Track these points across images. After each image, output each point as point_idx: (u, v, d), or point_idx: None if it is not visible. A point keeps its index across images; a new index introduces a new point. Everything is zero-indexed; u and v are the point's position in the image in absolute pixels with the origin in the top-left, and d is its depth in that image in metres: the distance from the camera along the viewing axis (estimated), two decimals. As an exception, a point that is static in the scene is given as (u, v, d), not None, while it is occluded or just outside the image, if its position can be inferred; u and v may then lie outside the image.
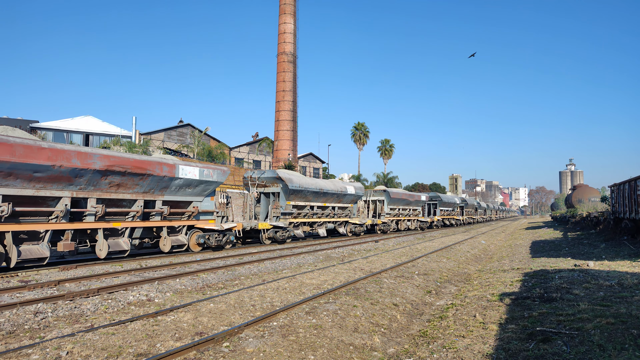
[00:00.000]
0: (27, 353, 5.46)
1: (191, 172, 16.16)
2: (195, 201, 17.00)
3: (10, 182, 11.24)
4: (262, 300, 8.67)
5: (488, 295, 9.62)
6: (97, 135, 51.13)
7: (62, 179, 12.28)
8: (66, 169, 12.17)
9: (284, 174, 22.55)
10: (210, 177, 17.00)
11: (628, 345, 5.45)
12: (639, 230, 19.36)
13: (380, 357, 6.41)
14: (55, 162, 11.87)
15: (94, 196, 13.38)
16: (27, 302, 7.90)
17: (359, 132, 72.40)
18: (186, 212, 16.66)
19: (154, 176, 14.75)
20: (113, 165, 13.38)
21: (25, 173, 11.40)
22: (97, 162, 12.96)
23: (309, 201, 24.52)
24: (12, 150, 10.93)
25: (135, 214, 14.66)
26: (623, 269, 11.86)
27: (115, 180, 13.73)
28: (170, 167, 15.34)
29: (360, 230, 29.28)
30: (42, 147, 11.67)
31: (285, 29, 57.67)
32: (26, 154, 11.23)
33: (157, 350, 5.78)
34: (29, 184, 11.69)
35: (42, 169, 11.64)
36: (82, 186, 12.99)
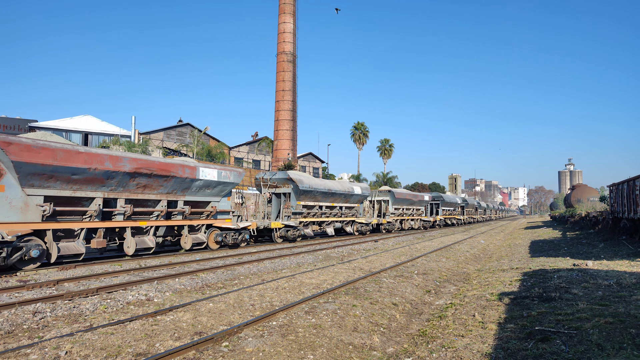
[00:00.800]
0: (26, 353, 5.45)
1: (210, 173, 17.07)
2: (213, 201, 17.88)
3: (51, 184, 12.25)
4: (261, 299, 8.67)
5: (487, 295, 9.63)
6: (96, 134, 51.08)
7: (95, 180, 13.29)
8: (100, 171, 13.16)
9: (295, 175, 23.26)
10: (228, 178, 17.93)
11: (626, 345, 5.46)
12: (638, 230, 19.38)
13: (379, 356, 6.42)
14: (91, 165, 12.86)
15: (123, 197, 14.35)
16: (25, 302, 7.89)
17: (358, 132, 72.41)
18: (205, 211, 17.52)
19: (176, 178, 15.65)
20: (141, 168, 14.31)
21: (65, 175, 12.39)
22: (127, 164, 13.89)
23: (318, 201, 25.32)
24: (54, 155, 11.91)
25: (159, 213, 15.55)
26: (622, 268, 11.87)
27: (142, 181, 14.65)
28: (192, 169, 16.21)
29: (366, 229, 29.94)
30: (79, 152, 12.64)
31: (285, 29, 57.63)
32: (66, 158, 12.19)
33: (156, 350, 5.77)
34: (67, 186, 12.70)
35: (79, 171, 12.62)
36: (113, 187, 13.95)
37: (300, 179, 23.32)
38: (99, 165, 13.09)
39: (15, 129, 46.65)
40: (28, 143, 11.54)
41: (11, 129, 46.50)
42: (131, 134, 45.56)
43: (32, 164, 11.55)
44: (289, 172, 23.81)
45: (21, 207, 11.74)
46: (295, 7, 58.79)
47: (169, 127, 55.34)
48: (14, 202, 11.63)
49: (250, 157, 64.88)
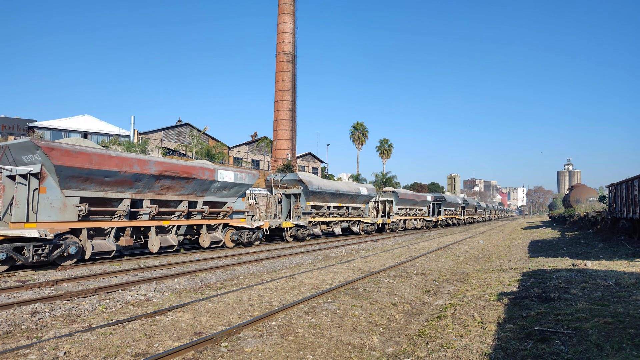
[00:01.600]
0: (25, 353, 5.44)
1: (227, 175, 17.95)
2: (229, 202, 18.79)
3: (86, 186, 13.19)
4: (260, 300, 8.66)
5: (486, 295, 9.63)
6: (95, 134, 51.03)
7: (125, 182, 14.14)
8: (129, 174, 14.01)
9: (305, 177, 24.15)
10: (243, 180, 18.83)
11: (625, 345, 5.46)
12: (636, 230, 19.40)
13: (378, 356, 6.41)
14: (121, 168, 13.71)
15: (149, 197, 15.20)
16: (24, 302, 7.87)
17: (357, 132, 72.40)
18: (221, 211, 18.36)
19: (197, 180, 16.48)
20: (165, 171, 15.16)
21: (98, 178, 13.31)
22: (153, 167, 14.73)
23: (326, 202, 26.16)
24: (89, 159, 12.80)
25: (180, 213, 16.40)
26: (620, 268, 11.88)
27: (166, 183, 15.50)
28: (211, 172, 17.09)
29: (371, 229, 30.77)
30: (111, 156, 13.53)
31: (284, 29, 57.62)
32: (100, 162, 13.11)
33: (155, 350, 5.76)
34: (100, 188, 13.61)
35: (111, 174, 13.51)
36: (140, 189, 14.82)
37: (310, 181, 24.16)
38: (129, 169, 13.92)
39: (14, 129, 46.56)
40: (68, 148, 12.38)
41: (10, 128, 46.42)
42: (130, 134, 45.53)
43: (70, 168, 12.43)
44: (299, 173, 24.63)
45: (60, 207, 12.59)
46: (294, 7, 58.79)
47: (168, 127, 55.32)
48: (54, 202, 12.50)
49: (250, 157, 64.86)
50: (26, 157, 12.43)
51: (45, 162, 12.14)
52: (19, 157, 12.56)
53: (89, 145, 13.59)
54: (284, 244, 21.36)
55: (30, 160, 12.38)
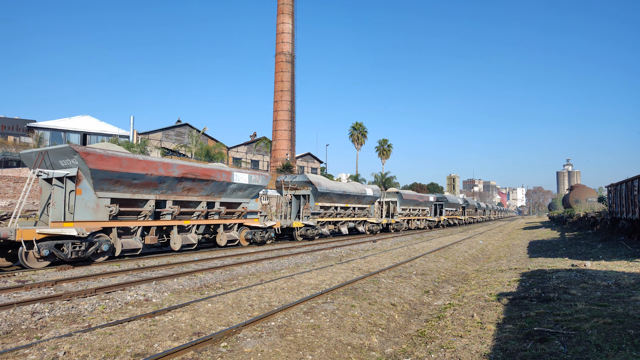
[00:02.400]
0: (24, 353, 5.44)
1: (242, 177, 18.92)
2: (244, 202, 19.71)
3: (116, 188, 14.06)
4: (260, 300, 8.66)
5: (486, 295, 9.63)
6: (94, 134, 50.99)
7: (150, 184, 14.99)
8: (154, 176, 14.86)
9: (314, 179, 25.11)
10: (257, 181, 19.76)
11: (625, 345, 5.47)
12: (636, 231, 19.42)
13: (378, 357, 6.41)
14: (148, 171, 14.57)
15: (171, 198, 16.09)
16: (24, 302, 7.87)
17: (357, 132, 72.41)
18: (237, 211, 19.26)
19: (215, 181, 17.35)
20: (187, 173, 16.00)
21: (128, 180, 14.14)
22: (176, 170, 15.59)
23: (334, 202, 27.02)
24: (120, 163, 13.67)
25: (200, 213, 17.26)
26: (620, 269, 11.89)
27: (187, 185, 16.36)
28: (227, 174, 18.05)
29: (377, 228, 31.55)
30: (139, 160, 14.38)
31: (284, 29, 57.63)
32: (129, 165, 13.97)
33: (154, 350, 5.76)
34: (128, 189, 14.44)
35: (139, 177, 14.37)
36: (164, 190, 15.66)
37: (319, 182, 25.07)
38: (154, 171, 14.77)
39: (13, 129, 46.52)
40: (101, 153, 13.30)
41: (9, 129, 46.37)
42: (130, 134, 45.52)
43: (103, 171, 13.32)
44: (309, 175, 25.49)
45: (93, 207, 13.52)
46: (293, 7, 58.81)
47: (167, 127, 55.31)
48: (89, 203, 13.42)
49: (249, 158, 64.85)
50: (63, 161, 13.26)
51: (82, 166, 12.99)
52: (56, 161, 13.36)
53: (118, 150, 14.46)
54: (294, 243, 22.12)
55: (67, 164, 13.23)
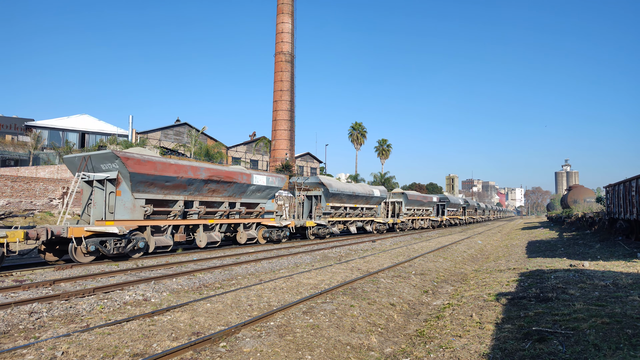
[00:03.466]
0: (22, 353, 5.43)
1: (261, 179, 20.12)
2: (261, 203, 20.96)
3: (151, 190, 15.23)
4: (259, 300, 8.66)
5: (484, 295, 9.64)
6: (93, 134, 50.91)
7: (180, 186, 16.16)
8: (184, 179, 16.01)
9: (326, 180, 26.53)
10: (273, 183, 21.00)
11: (623, 345, 5.48)
12: (634, 231, 19.46)
13: (377, 356, 6.42)
14: (178, 174, 15.77)
15: (198, 199, 17.25)
16: (21, 302, 7.85)
17: (356, 132, 72.42)
18: (255, 211, 20.57)
19: (237, 183, 18.65)
20: (212, 176, 17.19)
21: (161, 183, 15.33)
22: (203, 173, 16.73)
23: (344, 203, 28.24)
24: (155, 166, 14.85)
25: (222, 213, 18.51)
26: (618, 269, 11.91)
27: (212, 187, 17.53)
28: (248, 176, 19.37)
29: (383, 228, 32.94)
30: (170, 164, 15.60)
31: (283, 29, 57.61)
32: (162, 169, 15.14)
33: (153, 350, 5.75)
34: (161, 191, 15.63)
35: (170, 179, 15.57)
36: (191, 192, 16.81)
37: (330, 183, 26.46)
38: (184, 174, 15.93)
39: (11, 128, 46.42)
40: (139, 158, 14.41)
41: (7, 127, 46.26)
42: (128, 134, 45.44)
43: (141, 174, 14.46)
44: (320, 177, 26.91)
45: (131, 208, 14.64)
46: (293, 7, 58.78)
47: (166, 126, 55.23)
48: (127, 204, 14.56)
49: (248, 157, 64.81)
50: (104, 165, 14.40)
51: (122, 170, 14.13)
52: (98, 165, 14.52)
53: (153, 154, 15.78)
54: (307, 241, 23.28)
55: (107, 168, 14.37)
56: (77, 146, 46.96)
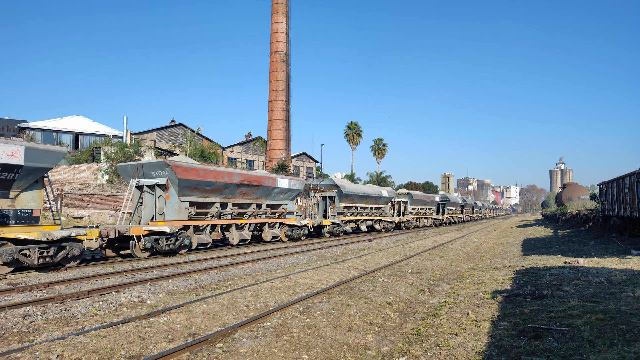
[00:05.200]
0: (17, 357, 5.39)
1: (284, 183, 21.90)
2: (284, 204, 22.66)
3: (194, 193, 16.93)
4: (255, 300, 8.64)
5: (480, 293, 9.68)
6: (87, 135, 50.59)
7: (217, 190, 17.89)
8: (221, 183, 17.77)
9: (339, 182, 28.51)
10: (295, 186, 22.77)
11: (617, 341, 5.52)
12: (627, 228, 19.61)
13: (374, 355, 6.43)
14: (217, 179, 17.48)
15: (231, 201, 19.05)
16: (15, 305, 7.79)
17: (352, 132, 72.42)
18: (278, 212, 22.24)
19: (264, 186, 20.49)
20: (244, 180, 19.03)
21: (202, 187, 17.01)
22: (236, 178, 18.59)
23: (355, 203, 29.93)
24: (198, 173, 16.56)
25: (251, 213, 20.27)
26: (612, 265, 12.00)
27: (243, 190, 19.37)
28: (273, 180, 21.16)
29: (390, 226, 34.85)
30: (210, 170, 17.29)
31: (278, 29, 57.50)
32: (204, 175, 16.82)
33: (149, 352, 5.73)
34: (202, 194, 17.31)
35: (210, 184, 17.26)
36: (226, 195, 18.60)
37: (343, 185, 28.37)
38: (221, 179, 17.69)
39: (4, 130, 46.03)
40: (185, 165, 16.17)
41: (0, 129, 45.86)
42: (123, 135, 45.21)
43: (187, 180, 16.14)
44: (334, 179, 28.98)
45: (177, 209, 16.35)
46: (288, 6, 58.68)
47: (161, 127, 54.96)
48: (174, 206, 16.27)
49: (244, 157, 64.66)
50: (155, 172, 16.15)
51: (171, 176, 15.87)
52: (149, 172, 16.29)
53: (196, 163, 17.51)
54: (323, 239, 25.25)
55: (158, 174, 16.13)
56: (71, 148, 46.66)
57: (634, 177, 17.34)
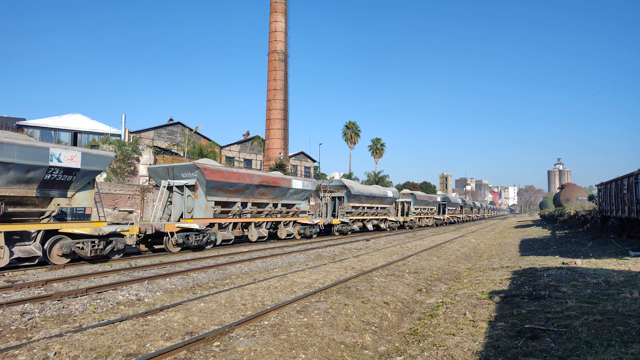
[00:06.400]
0: (14, 354, 5.38)
1: (298, 184, 23.40)
2: (297, 204, 24.18)
3: (218, 194, 18.40)
4: (253, 299, 8.64)
5: (478, 294, 9.69)
6: (85, 133, 50.46)
7: (239, 191, 19.40)
8: (243, 184, 19.32)
9: (348, 183, 29.82)
10: (307, 187, 24.27)
11: (614, 342, 5.54)
12: (625, 229, 19.66)
13: (371, 355, 6.43)
14: (239, 180, 19.03)
15: (251, 201, 20.59)
16: (13, 303, 7.78)
17: (350, 131, 72.42)
18: (292, 211, 23.77)
19: (280, 187, 21.98)
20: (263, 182, 20.52)
21: (226, 188, 18.54)
22: (256, 179, 20.11)
23: (362, 203, 31.32)
24: (223, 175, 18.10)
25: (268, 212, 21.76)
26: (610, 266, 12.03)
27: (262, 190, 20.85)
28: (288, 181, 22.67)
29: (395, 225, 36.54)
30: (234, 172, 19.09)
31: (276, 28, 57.44)
32: (228, 177, 18.35)
33: (147, 350, 5.72)
34: (225, 195, 18.82)
35: (233, 185, 18.83)
36: (247, 195, 20.13)
37: (352, 186, 29.78)
38: (243, 181, 19.26)
39: (2, 128, 45.89)
40: (212, 168, 17.68)
41: (-2, 127, 45.71)
42: (121, 133, 45.08)
43: (214, 181, 17.60)
44: (343, 180, 30.36)
45: (204, 208, 17.71)
46: (286, 6, 58.62)
47: (159, 125, 54.84)
48: (202, 205, 17.69)
49: (242, 156, 64.60)
50: (185, 174, 17.65)
51: (200, 178, 17.30)
52: (179, 174, 17.80)
53: (221, 165, 19.36)
54: (332, 237, 26.74)
55: (187, 176, 17.63)
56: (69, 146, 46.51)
57: (632, 179, 17.39)
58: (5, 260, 11.50)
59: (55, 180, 12.43)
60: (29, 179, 11.84)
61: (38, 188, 12.21)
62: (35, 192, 12.20)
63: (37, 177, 11.94)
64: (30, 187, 12.03)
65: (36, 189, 12.19)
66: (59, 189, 12.82)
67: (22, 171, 11.45)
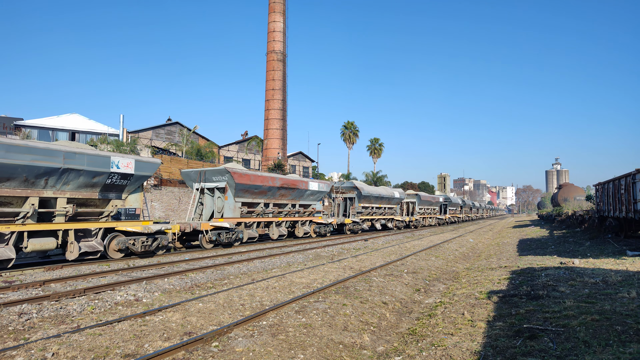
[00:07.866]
0: (12, 355, 5.36)
1: (314, 186, 25.04)
2: (313, 204, 25.71)
3: (245, 195, 20.09)
4: (251, 299, 8.63)
5: (476, 293, 9.70)
6: (83, 133, 50.35)
7: (262, 192, 21.06)
8: (266, 186, 20.98)
9: (359, 185, 31.53)
10: (323, 188, 25.95)
11: (612, 342, 5.55)
12: (623, 228, 19.71)
13: (369, 355, 6.43)
14: (262, 183, 20.64)
15: (272, 202, 22.23)
16: (11, 303, 7.75)
17: (348, 131, 72.42)
18: (308, 211, 25.35)
19: (298, 189, 23.63)
20: (283, 184, 22.20)
21: (252, 190, 20.19)
22: (277, 182, 21.79)
23: (371, 203, 32.92)
24: (249, 178, 19.75)
25: (287, 212, 23.47)
26: (607, 266, 12.06)
27: (282, 192, 22.48)
28: (306, 183, 24.38)
29: (401, 225, 38.18)
30: (258, 175, 20.63)
31: (275, 28, 57.41)
32: (253, 180, 19.98)
33: (145, 350, 5.71)
34: (250, 196, 20.49)
35: (258, 187, 20.50)
36: (269, 196, 21.75)
37: (363, 187, 31.30)
38: (266, 183, 20.87)
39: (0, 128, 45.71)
40: (241, 172, 19.41)
41: (-4, 127, 45.53)
42: (119, 133, 44.96)
43: (242, 184, 19.30)
44: (354, 181, 31.96)
45: (233, 208, 19.43)
46: (285, 6, 58.59)
47: (157, 125, 54.75)
48: (231, 206, 19.39)
49: (240, 156, 64.53)
50: (216, 177, 19.36)
51: (229, 181, 19.02)
52: (210, 177, 19.54)
53: (247, 169, 20.75)
54: (344, 235, 28.31)
55: (218, 179, 19.36)
56: (67, 145, 46.33)
57: (629, 179, 17.44)
58: (75, 253, 13.04)
59: (114, 184, 14.14)
60: (94, 184, 13.58)
61: (100, 191, 13.98)
62: (98, 195, 13.93)
63: (100, 182, 13.68)
64: (94, 191, 13.80)
65: (99, 192, 13.95)
66: (116, 192, 14.50)
67: (89, 177, 13.25)
